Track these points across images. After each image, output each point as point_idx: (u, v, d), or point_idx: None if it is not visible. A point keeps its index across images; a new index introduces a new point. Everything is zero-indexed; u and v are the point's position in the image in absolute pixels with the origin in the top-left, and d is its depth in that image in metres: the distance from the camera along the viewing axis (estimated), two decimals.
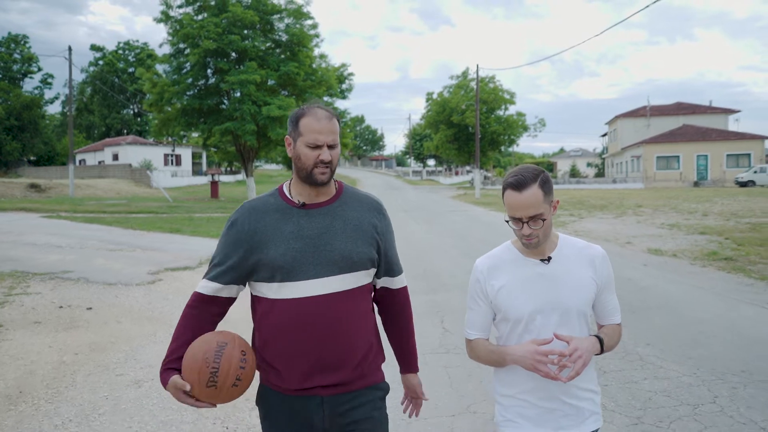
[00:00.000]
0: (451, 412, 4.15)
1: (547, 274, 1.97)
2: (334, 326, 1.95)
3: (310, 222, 1.99)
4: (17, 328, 6.60)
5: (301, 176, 1.99)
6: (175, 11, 26.74)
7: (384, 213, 2.15)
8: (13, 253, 11.68)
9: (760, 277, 8.29)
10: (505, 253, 2.06)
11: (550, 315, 1.95)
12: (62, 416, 4.28)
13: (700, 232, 13.77)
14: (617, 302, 2.08)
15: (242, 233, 2.00)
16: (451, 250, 12.49)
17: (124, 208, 24.34)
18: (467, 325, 2.11)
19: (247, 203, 2.08)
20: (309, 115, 1.97)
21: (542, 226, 1.90)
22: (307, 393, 1.97)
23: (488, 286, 2.02)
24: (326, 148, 1.95)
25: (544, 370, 1.85)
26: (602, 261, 2.02)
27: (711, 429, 3.70)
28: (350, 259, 1.98)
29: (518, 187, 1.89)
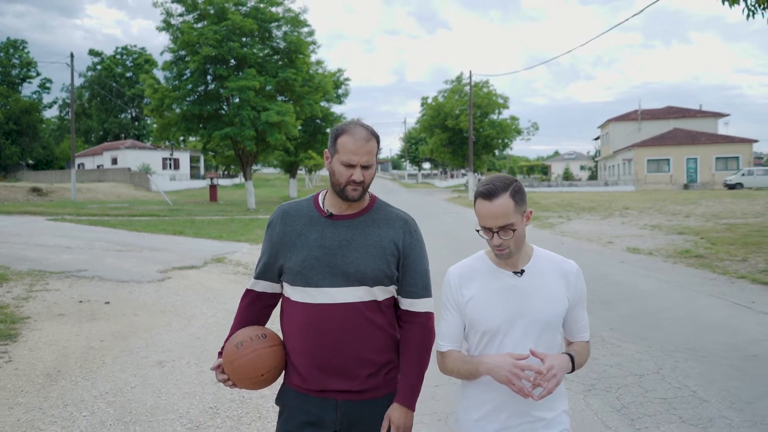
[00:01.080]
0: (434, 383, 4.85)
1: (519, 287, 1.96)
2: (342, 335, 2.01)
3: (333, 232, 2.06)
4: (44, 319, 7.26)
5: (335, 191, 2.06)
6: (176, 19, 27.40)
7: (412, 232, 2.16)
8: (27, 254, 12.32)
9: (723, 272, 9.03)
10: (477, 263, 2.05)
11: (520, 328, 1.94)
12: (99, 389, 4.95)
13: (678, 232, 14.51)
14: (587, 319, 2.07)
15: (275, 235, 2.14)
16: (443, 250, 13.17)
17: (127, 211, 24.98)
18: (439, 336, 2.08)
19: (283, 205, 2.21)
20: (348, 134, 2.02)
21: (513, 236, 1.89)
22: (323, 395, 2.06)
23: (459, 295, 2.01)
24: (359, 168, 2.00)
25: (518, 384, 1.83)
26: (576, 276, 2.01)
27: (651, 393, 4.41)
28: (363, 273, 2.02)
29: (489, 196, 1.89)
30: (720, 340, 5.67)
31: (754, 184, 40.81)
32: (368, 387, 2.05)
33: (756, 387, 4.46)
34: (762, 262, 9.60)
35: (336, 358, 2.01)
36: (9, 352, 5.88)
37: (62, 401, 4.69)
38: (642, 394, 4.40)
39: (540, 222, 19.11)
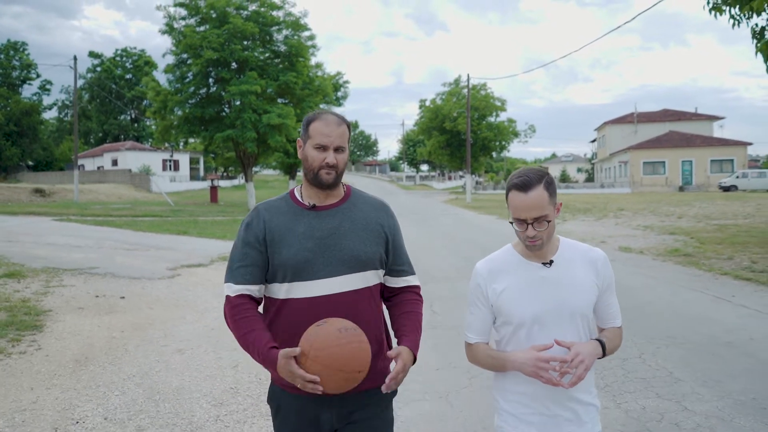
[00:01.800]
0: (436, 367, 5.28)
1: (549, 278, 1.97)
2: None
3: (320, 223, 2.06)
4: (65, 312, 7.68)
5: (309, 178, 2.08)
6: (178, 23, 27.84)
7: (391, 213, 2.24)
8: (39, 252, 12.72)
9: (709, 269, 9.49)
10: (506, 256, 2.06)
11: (553, 319, 1.95)
12: (126, 373, 5.38)
13: (670, 232, 14.98)
14: (618, 305, 2.09)
15: (258, 233, 2.07)
16: (441, 250, 13.61)
17: (130, 212, 25.39)
18: (467, 328, 2.10)
19: (260, 205, 2.17)
20: (319, 119, 2.06)
21: (546, 227, 1.90)
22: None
23: (489, 290, 2.02)
24: (332, 151, 2.04)
25: (545, 376, 1.85)
26: (604, 263, 2.03)
27: (632, 374, 4.85)
28: (359, 259, 2.05)
29: (523, 188, 1.89)
30: (699, 329, 6.12)
31: (748, 187, 41.38)
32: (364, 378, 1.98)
33: (727, 368, 4.91)
34: (746, 260, 10.06)
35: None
36: (38, 341, 6.30)
37: (94, 383, 5.11)
38: (624, 375, 4.84)
39: None
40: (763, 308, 6.93)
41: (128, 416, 4.38)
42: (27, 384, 5.04)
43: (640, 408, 4.18)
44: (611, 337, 2.02)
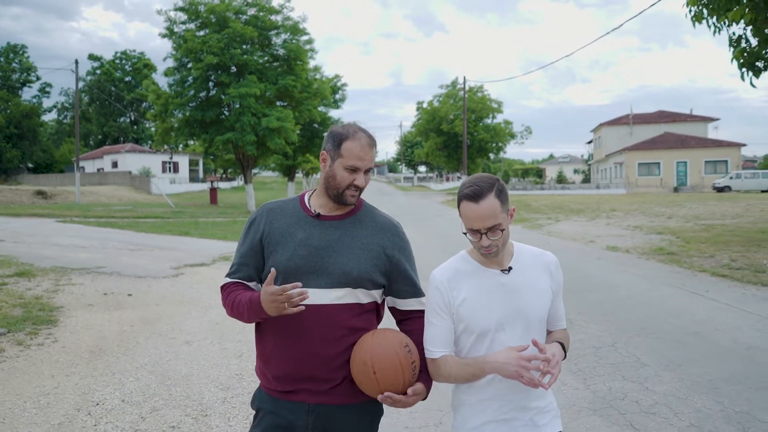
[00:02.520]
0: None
1: (509, 284, 1.96)
2: (325, 337, 1.98)
3: (320, 233, 2.04)
4: (76, 308, 8.11)
5: (331, 194, 2.06)
6: (178, 27, 28.29)
7: (400, 236, 2.16)
8: (46, 252, 13.15)
9: (689, 267, 9.95)
10: (462, 264, 2.03)
11: (516, 325, 1.94)
12: (138, 362, 5.81)
13: (657, 232, 15.43)
14: (563, 308, 2.13)
15: (259, 232, 2.09)
16: (436, 249, 14.05)
17: (131, 214, 25.81)
18: (429, 343, 2.01)
19: (267, 204, 2.18)
20: (353, 139, 2.02)
21: (501, 236, 1.89)
22: (294, 398, 2.02)
23: (450, 298, 1.98)
24: (362, 174, 2.03)
25: (527, 376, 1.82)
26: (556, 267, 2.04)
27: (603, 360, 5.30)
28: (349, 275, 2.01)
29: (475, 198, 1.87)
30: (671, 321, 6.57)
31: (742, 187, 41.89)
32: (345, 391, 2.01)
33: (690, 354, 5.36)
34: (726, 259, 10.52)
35: (317, 360, 1.98)
36: (53, 334, 6.74)
37: (109, 371, 5.55)
38: (596, 361, 5.29)
39: (530, 223, 20.02)
40: (733, 302, 7.39)
41: (143, 399, 4.82)
42: (47, 372, 5.48)
43: (607, 389, 4.63)
44: (564, 338, 2.05)
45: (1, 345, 6.18)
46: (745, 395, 4.40)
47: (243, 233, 2.17)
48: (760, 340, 5.78)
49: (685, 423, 3.95)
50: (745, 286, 8.33)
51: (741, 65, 9.63)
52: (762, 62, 9.57)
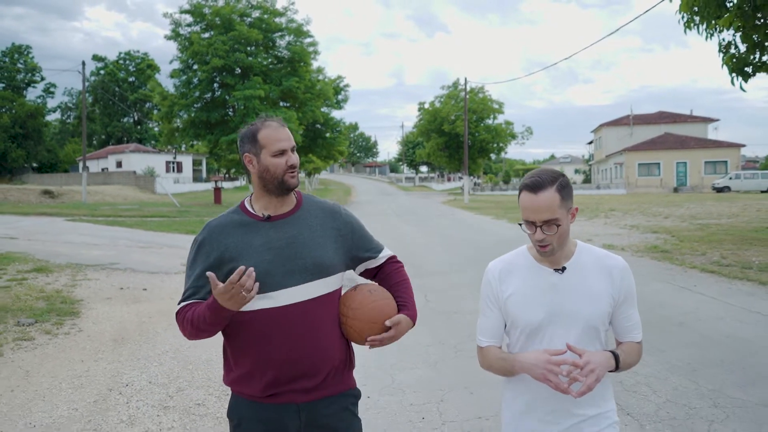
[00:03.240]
0: (427, 344, 6.15)
1: (560, 285, 1.91)
2: (310, 333, 2.00)
3: (277, 233, 2.04)
4: (95, 302, 8.54)
5: (271, 187, 2.05)
6: (184, 29, 28.75)
7: (341, 212, 2.22)
8: (59, 250, 13.59)
9: (680, 264, 10.36)
10: (518, 258, 2.01)
11: (560, 327, 1.89)
12: (160, 349, 6.24)
13: (653, 231, 15.84)
14: (638, 318, 1.99)
15: (212, 253, 2.02)
16: (436, 247, 14.47)
17: (138, 213, 26.25)
18: (479, 331, 2.05)
19: (211, 222, 2.12)
20: (265, 127, 2.05)
21: (556, 232, 1.84)
22: (281, 400, 2.01)
23: (499, 291, 1.97)
24: (290, 153, 2.05)
25: (554, 380, 1.78)
26: (621, 273, 1.93)
27: None
28: (321, 265, 2.05)
29: (534, 189, 1.83)
30: (658, 312, 6.99)
31: (741, 188, 42.29)
32: (330, 382, 2.05)
33: (672, 341, 5.78)
34: (717, 256, 10.93)
35: (305, 358, 2.00)
36: (78, 325, 7.17)
37: (134, 356, 5.98)
38: None
39: None
40: (718, 296, 7.80)
41: (169, 380, 5.24)
42: (77, 357, 5.91)
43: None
44: (628, 351, 1.93)
45: (31, 334, 6.61)
46: (719, 376, 4.82)
47: (191, 257, 2.08)
48: (739, 330, 6.20)
49: (662, 399, 4.37)
50: (731, 281, 8.75)
51: (731, 70, 10.03)
52: (750, 67, 9.99)
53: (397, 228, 19.76)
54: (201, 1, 28.62)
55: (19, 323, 7.00)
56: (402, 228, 19.76)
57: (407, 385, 5.00)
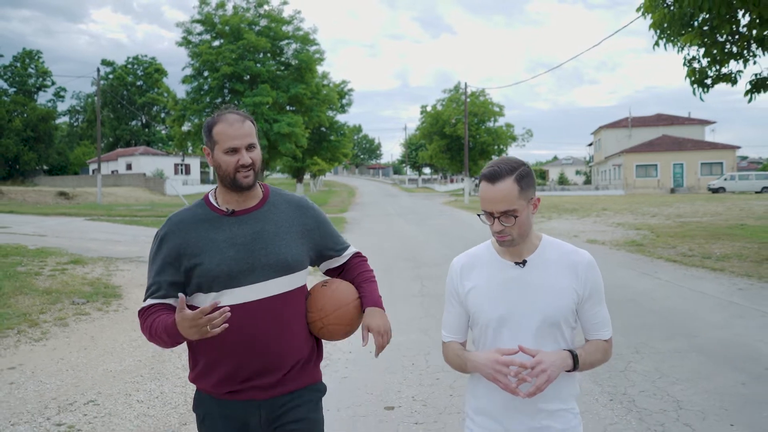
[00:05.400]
0: (420, 316, 7.36)
1: (520, 279, 1.87)
2: (274, 329, 1.98)
3: (241, 229, 2.00)
4: (132, 287, 9.78)
5: (226, 183, 2.00)
6: (194, 37, 30.08)
7: (309, 206, 2.19)
8: (88, 245, 14.83)
9: (649, 255, 11.55)
10: (482, 252, 1.98)
11: (520, 323, 1.84)
12: None
13: (636, 228, 17.02)
14: (607, 315, 1.94)
15: (174, 248, 1.99)
16: (435, 244, 15.69)
17: (152, 213, 27.53)
18: (443, 326, 2.03)
19: (173, 216, 2.07)
20: (221, 121, 1.97)
21: (515, 223, 1.79)
22: (243, 397, 2.00)
23: (460, 286, 1.95)
24: (244, 151, 1.96)
25: (503, 381, 1.76)
26: (587, 268, 1.90)
27: None
28: (285, 262, 2.02)
29: (492, 179, 1.80)
30: (617, 292, 8.18)
31: (736, 188, 43.38)
32: (292, 377, 2.04)
33: (619, 312, 6.97)
34: (686, 249, 12.11)
35: (269, 355, 1.98)
36: (122, 304, 8.41)
37: None
38: None
39: None
40: (673, 280, 9.01)
41: None
42: (129, 327, 7.14)
43: None
44: (591, 350, 1.89)
45: (86, 310, 7.86)
46: (646, 334, 6.04)
47: (153, 251, 2.06)
48: (680, 305, 7.41)
49: None
50: (688, 268, 9.95)
51: (693, 82, 11.22)
52: (710, 79, 11.17)
53: (399, 227, 21.01)
54: (211, 11, 29.94)
55: (74, 302, 8.25)
56: (404, 226, 21.00)
57: (402, 343, 6.19)
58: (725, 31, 10.70)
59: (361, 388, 4.90)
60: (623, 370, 5.01)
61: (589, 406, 4.29)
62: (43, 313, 7.56)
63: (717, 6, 9.90)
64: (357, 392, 4.80)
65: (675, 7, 10.75)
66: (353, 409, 4.44)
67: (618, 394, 4.51)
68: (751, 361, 5.12)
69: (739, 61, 11.43)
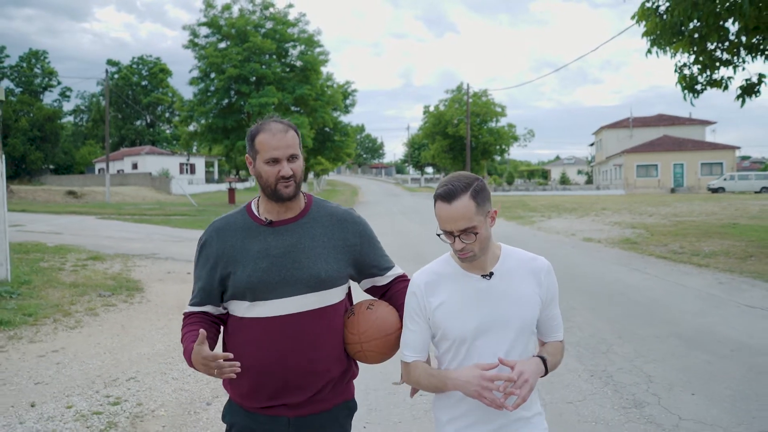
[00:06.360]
0: None
1: (489, 290, 1.88)
2: (303, 346, 1.95)
3: (277, 240, 1.99)
4: (151, 281, 10.37)
5: (267, 194, 1.99)
6: (201, 39, 30.73)
7: (357, 221, 2.14)
8: (103, 243, 15.44)
9: (641, 253, 12.13)
10: (443, 268, 1.96)
11: (494, 334, 1.86)
12: None
13: (632, 227, 17.59)
14: (560, 318, 2.01)
15: (212, 255, 2.02)
16: (438, 241, 16.26)
17: (161, 212, 28.16)
18: (403, 346, 1.99)
19: (215, 222, 2.10)
20: (264, 131, 1.96)
21: (475, 239, 1.80)
22: (272, 413, 1.99)
23: (426, 303, 1.92)
24: (286, 162, 1.95)
25: (489, 397, 1.75)
26: (547, 274, 1.94)
27: None
28: (318, 278, 1.97)
29: (447, 198, 1.79)
30: (607, 286, 8.77)
31: (735, 188, 43.88)
32: (323, 396, 2.01)
33: (608, 303, 7.56)
34: (676, 246, 12.68)
35: (297, 371, 1.95)
36: (145, 297, 9.00)
37: None
38: None
39: (524, 220, 22.19)
40: (661, 275, 9.59)
41: None
42: (154, 317, 7.73)
43: None
44: (553, 352, 1.96)
45: (112, 301, 8.47)
46: (629, 321, 6.65)
47: (196, 257, 2.10)
48: (663, 296, 8.00)
49: (586, 334, 6.17)
50: (677, 265, 10.53)
51: (683, 88, 11.79)
52: (699, 85, 11.75)
53: (403, 224, 21.61)
54: (217, 14, 30.57)
55: (101, 295, 8.85)
56: (407, 224, 21.59)
57: None
58: (713, 39, 11.26)
59: (371, 369, 5.48)
60: (605, 351, 5.60)
61: (572, 381, 4.88)
62: (73, 304, 8.17)
63: (705, 16, 10.48)
64: (369, 371, 5.37)
65: (667, 16, 11.33)
66: (365, 383, 5.03)
67: (598, 371, 5.10)
68: (719, 344, 5.71)
69: (728, 67, 12.01)
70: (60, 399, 4.75)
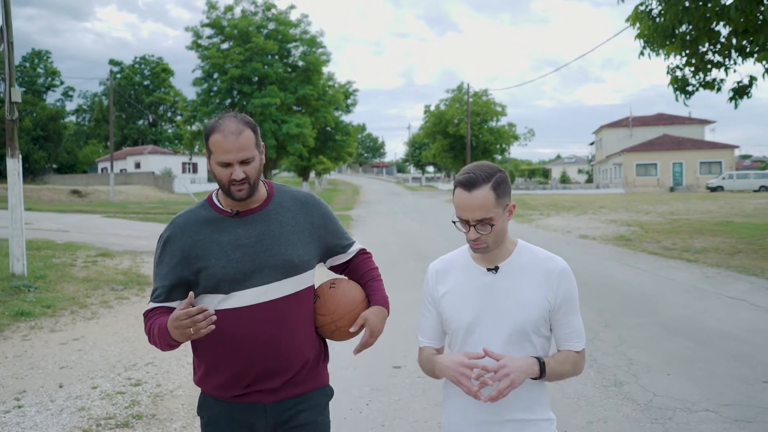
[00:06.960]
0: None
1: (491, 286, 1.86)
2: (279, 332, 1.96)
3: (246, 230, 1.98)
4: None
5: (223, 191, 1.98)
6: (204, 40, 31.11)
7: (316, 203, 2.14)
8: (111, 240, 15.82)
9: (633, 249, 12.51)
10: (457, 257, 1.98)
11: (489, 329, 1.84)
12: None
13: (628, 224, 17.96)
14: (580, 326, 1.90)
15: (177, 251, 1.97)
16: (437, 238, 16.64)
17: (165, 210, 28.55)
18: (418, 331, 2.04)
19: (177, 218, 2.05)
20: (217, 131, 1.89)
21: (491, 231, 1.78)
22: (248, 400, 1.99)
23: (435, 291, 1.96)
24: (237, 166, 1.89)
25: (465, 384, 1.75)
26: (561, 276, 1.86)
27: None
28: (291, 263, 1.99)
29: (468, 186, 1.77)
30: (599, 279, 9.15)
31: (734, 187, 44.23)
32: (299, 380, 2.02)
33: (599, 296, 7.93)
34: (668, 243, 13.05)
35: (274, 357, 1.96)
36: None
37: None
38: None
39: (523, 218, 22.57)
40: (651, 269, 9.98)
41: None
42: None
43: None
44: (560, 360, 1.86)
45: (126, 295, 8.86)
46: (616, 311, 7.05)
47: (158, 254, 2.04)
48: (651, 289, 8.38)
49: None
50: (667, 260, 10.91)
51: (675, 89, 12.16)
52: (691, 87, 12.12)
53: (404, 223, 21.99)
54: (219, 15, 30.95)
55: (114, 288, 9.24)
56: (408, 223, 21.98)
57: (405, 322, 7.14)
58: (704, 42, 11.63)
59: (371, 353, 5.85)
60: (591, 339, 5.98)
61: None
62: (88, 297, 8.56)
63: (695, 20, 10.85)
64: (369, 353, 5.75)
65: (659, 19, 11.70)
66: (368, 366, 5.41)
67: None
68: (699, 332, 6.09)
69: (720, 69, 12.38)
70: (85, 381, 5.14)
